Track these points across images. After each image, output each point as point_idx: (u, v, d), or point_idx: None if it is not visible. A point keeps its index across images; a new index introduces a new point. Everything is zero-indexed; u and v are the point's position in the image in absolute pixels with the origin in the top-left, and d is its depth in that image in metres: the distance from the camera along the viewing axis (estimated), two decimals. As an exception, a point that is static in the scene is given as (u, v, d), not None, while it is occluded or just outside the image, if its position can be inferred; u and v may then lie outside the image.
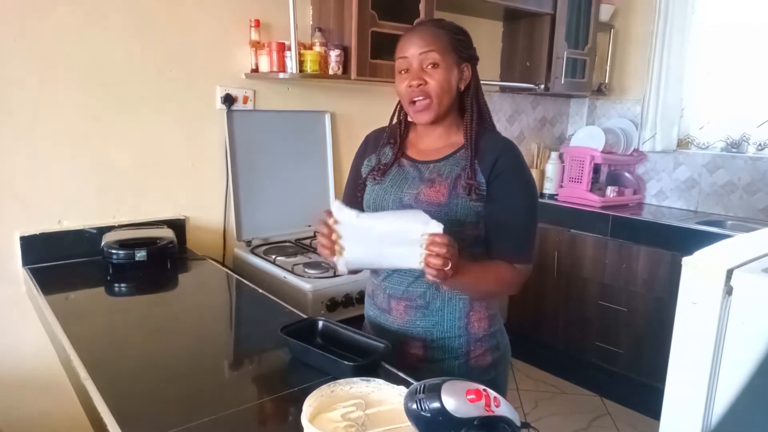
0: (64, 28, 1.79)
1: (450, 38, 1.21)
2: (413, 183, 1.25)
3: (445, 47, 1.20)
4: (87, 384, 1.06)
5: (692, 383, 1.12)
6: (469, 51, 1.25)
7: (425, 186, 1.22)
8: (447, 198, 1.20)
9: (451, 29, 1.24)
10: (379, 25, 2.19)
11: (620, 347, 2.86)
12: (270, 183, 2.30)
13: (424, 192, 1.22)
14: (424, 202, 1.21)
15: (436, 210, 1.19)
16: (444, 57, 1.20)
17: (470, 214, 1.20)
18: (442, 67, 1.20)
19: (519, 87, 3.10)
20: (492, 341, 1.30)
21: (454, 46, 1.22)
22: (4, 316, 1.80)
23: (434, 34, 1.21)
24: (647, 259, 2.73)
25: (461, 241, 1.20)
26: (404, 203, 1.23)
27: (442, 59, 1.20)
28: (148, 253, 1.76)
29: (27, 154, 1.78)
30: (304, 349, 1.16)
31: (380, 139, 1.37)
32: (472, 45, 1.27)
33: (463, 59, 1.24)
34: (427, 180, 1.23)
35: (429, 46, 1.19)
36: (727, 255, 1.15)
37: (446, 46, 1.20)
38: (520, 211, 1.22)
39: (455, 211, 1.20)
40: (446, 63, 1.20)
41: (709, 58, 3.05)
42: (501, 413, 0.80)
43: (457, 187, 1.20)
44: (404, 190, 1.25)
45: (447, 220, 1.17)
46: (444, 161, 1.25)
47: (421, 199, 1.21)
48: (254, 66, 2.18)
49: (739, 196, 2.95)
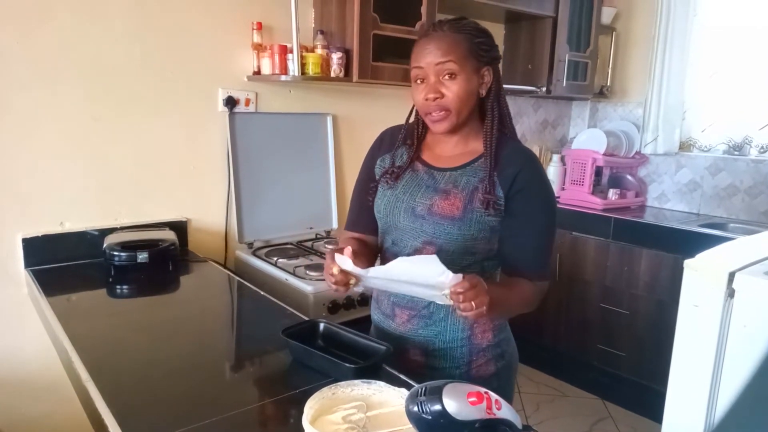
0: (66, 31, 1.79)
1: (469, 44, 1.13)
2: (426, 192, 1.20)
3: (463, 55, 1.12)
4: (88, 385, 1.06)
5: (694, 386, 1.12)
6: (489, 53, 1.17)
7: (439, 197, 1.17)
8: (462, 212, 1.15)
9: (471, 32, 1.15)
10: (381, 27, 2.19)
11: (622, 350, 2.85)
12: (272, 185, 2.30)
13: (438, 204, 1.17)
14: (437, 214, 1.16)
15: (449, 224, 1.15)
16: (463, 66, 1.12)
17: (484, 228, 1.15)
18: (461, 77, 1.12)
19: (521, 90, 3.10)
20: (496, 350, 1.26)
21: (473, 52, 1.14)
22: (6, 318, 1.80)
23: (452, 41, 1.13)
24: (649, 261, 2.73)
25: (472, 255, 1.19)
26: (417, 213, 1.19)
27: (461, 69, 1.12)
28: (149, 255, 1.76)
29: (29, 156, 1.78)
30: (305, 352, 1.16)
31: (396, 138, 1.30)
32: (493, 45, 1.18)
33: (484, 63, 1.16)
34: (441, 191, 1.18)
35: (446, 56, 1.12)
36: (729, 258, 1.15)
37: (465, 53, 1.12)
38: (540, 229, 1.18)
39: (469, 225, 1.15)
40: (465, 72, 1.13)
41: (711, 60, 3.04)
42: (502, 416, 0.80)
43: (473, 200, 1.15)
44: (417, 199, 1.20)
45: (460, 234, 1.15)
46: (461, 170, 1.19)
47: (435, 212, 1.17)
48: (256, 68, 2.19)
49: (741, 198, 2.95)
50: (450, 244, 1.16)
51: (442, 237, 1.16)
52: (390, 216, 1.24)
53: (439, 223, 1.16)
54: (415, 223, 1.19)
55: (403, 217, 1.21)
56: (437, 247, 1.17)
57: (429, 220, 1.17)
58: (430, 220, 1.17)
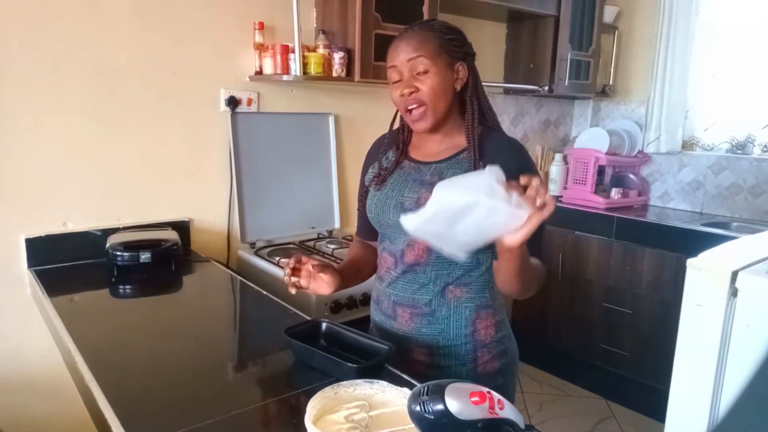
0: (69, 32, 1.80)
1: (440, 40, 1.17)
2: (414, 186, 1.22)
3: (434, 51, 1.16)
4: (91, 385, 1.06)
5: (697, 386, 1.11)
6: (462, 49, 1.21)
7: (426, 190, 1.18)
8: None
9: (440, 29, 1.19)
10: (382, 27, 2.19)
11: (625, 350, 2.85)
12: (274, 185, 2.30)
13: (424, 197, 1.17)
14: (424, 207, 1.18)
15: None
16: (434, 61, 1.16)
17: None
18: (433, 71, 1.16)
19: (523, 89, 3.10)
20: (500, 347, 1.27)
21: (444, 48, 1.17)
22: (9, 318, 1.81)
23: (421, 38, 1.17)
24: (652, 261, 2.72)
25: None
26: (405, 208, 1.19)
27: (432, 63, 1.16)
28: (152, 255, 1.77)
29: (32, 157, 1.79)
30: (307, 351, 1.16)
31: (380, 147, 1.35)
32: (465, 42, 1.22)
33: (457, 58, 1.19)
34: (428, 183, 1.20)
35: (417, 52, 1.16)
36: (732, 257, 1.15)
37: (435, 49, 1.16)
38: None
39: None
40: (437, 67, 1.16)
41: (714, 59, 3.04)
42: (505, 416, 0.80)
43: None
44: (405, 194, 1.22)
45: None
46: (446, 163, 1.21)
47: (422, 204, 1.15)
48: (258, 68, 2.19)
49: (744, 197, 2.94)
50: None
51: None
52: (381, 215, 1.25)
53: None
54: None
55: (393, 214, 1.22)
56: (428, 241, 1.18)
57: (416, 212, 1.17)
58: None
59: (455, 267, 1.20)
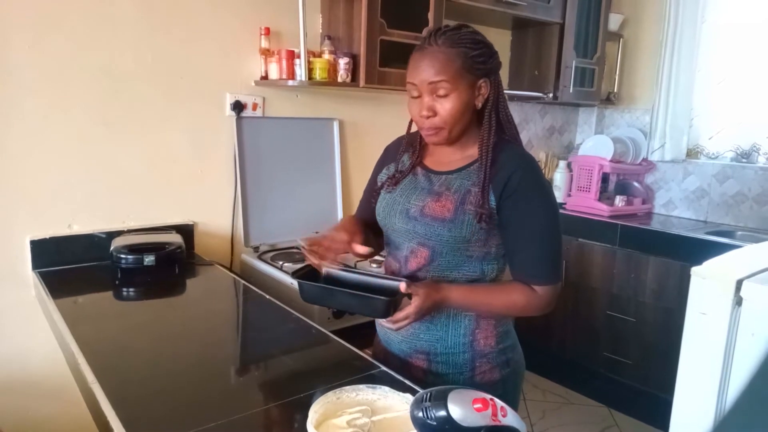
0: (77, 36, 1.81)
1: (463, 60, 1.11)
2: (421, 195, 1.22)
3: (457, 72, 1.11)
4: (94, 388, 1.06)
5: (701, 395, 1.11)
6: (486, 65, 1.15)
7: (432, 199, 1.18)
8: (452, 214, 1.15)
9: (466, 44, 1.13)
10: (388, 33, 2.20)
11: (629, 358, 2.84)
12: (278, 189, 2.31)
13: (429, 205, 1.18)
14: (428, 215, 1.17)
15: (440, 225, 1.15)
16: (456, 84, 1.11)
17: (477, 230, 1.15)
18: (454, 95, 1.12)
19: (527, 96, 3.10)
20: (501, 358, 1.25)
21: (468, 67, 1.12)
22: (14, 319, 1.81)
23: (445, 58, 1.11)
24: (656, 269, 2.71)
25: (468, 258, 1.19)
26: (410, 215, 1.20)
27: (454, 87, 1.11)
28: (156, 258, 1.77)
29: (38, 159, 1.80)
30: (325, 292, 1.08)
31: (399, 147, 1.34)
32: (491, 55, 1.17)
33: (480, 75, 1.14)
34: (435, 193, 1.19)
35: (438, 76, 1.11)
36: (737, 265, 1.14)
37: (459, 70, 1.11)
38: (535, 231, 1.15)
39: (460, 227, 1.15)
40: (459, 90, 1.12)
41: (719, 67, 3.04)
42: (508, 423, 0.80)
43: (465, 203, 1.15)
44: (411, 201, 1.22)
45: (451, 236, 1.15)
46: (456, 174, 1.20)
47: (426, 213, 1.18)
48: (264, 73, 2.20)
49: (749, 206, 2.93)
50: (442, 246, 1.17)
51: (433, 238, 1.17)
52: (388, 218, 1.26)
53: (430, 224, 1.17)
54: (408, 225, 1.21)
55: (398, 219, 1.23)
56: (430, 249, 1.19)
57: (421, 222, 1.18)
58: (422, 222, 1.18)
59: (458, 277, 1.21)
